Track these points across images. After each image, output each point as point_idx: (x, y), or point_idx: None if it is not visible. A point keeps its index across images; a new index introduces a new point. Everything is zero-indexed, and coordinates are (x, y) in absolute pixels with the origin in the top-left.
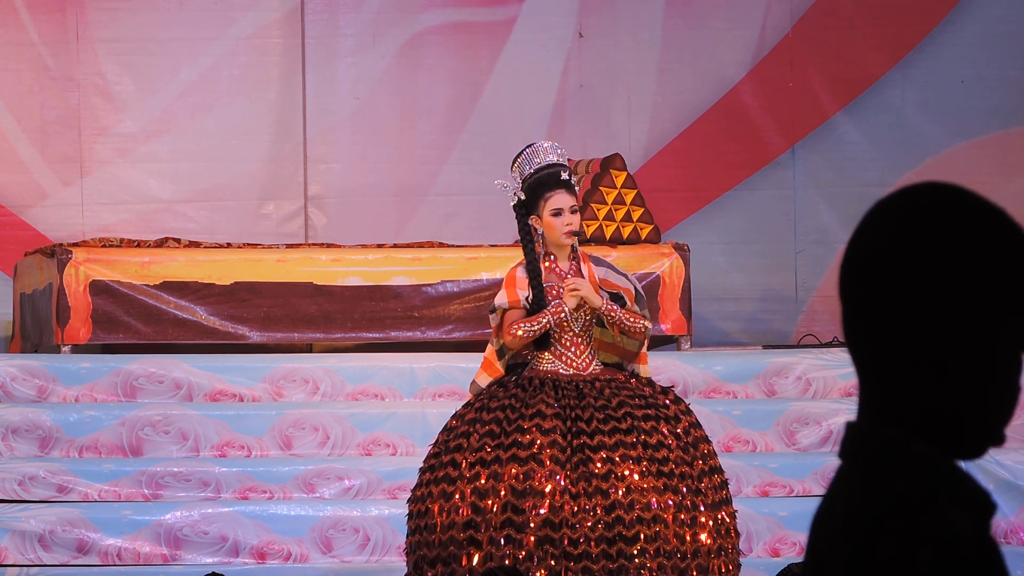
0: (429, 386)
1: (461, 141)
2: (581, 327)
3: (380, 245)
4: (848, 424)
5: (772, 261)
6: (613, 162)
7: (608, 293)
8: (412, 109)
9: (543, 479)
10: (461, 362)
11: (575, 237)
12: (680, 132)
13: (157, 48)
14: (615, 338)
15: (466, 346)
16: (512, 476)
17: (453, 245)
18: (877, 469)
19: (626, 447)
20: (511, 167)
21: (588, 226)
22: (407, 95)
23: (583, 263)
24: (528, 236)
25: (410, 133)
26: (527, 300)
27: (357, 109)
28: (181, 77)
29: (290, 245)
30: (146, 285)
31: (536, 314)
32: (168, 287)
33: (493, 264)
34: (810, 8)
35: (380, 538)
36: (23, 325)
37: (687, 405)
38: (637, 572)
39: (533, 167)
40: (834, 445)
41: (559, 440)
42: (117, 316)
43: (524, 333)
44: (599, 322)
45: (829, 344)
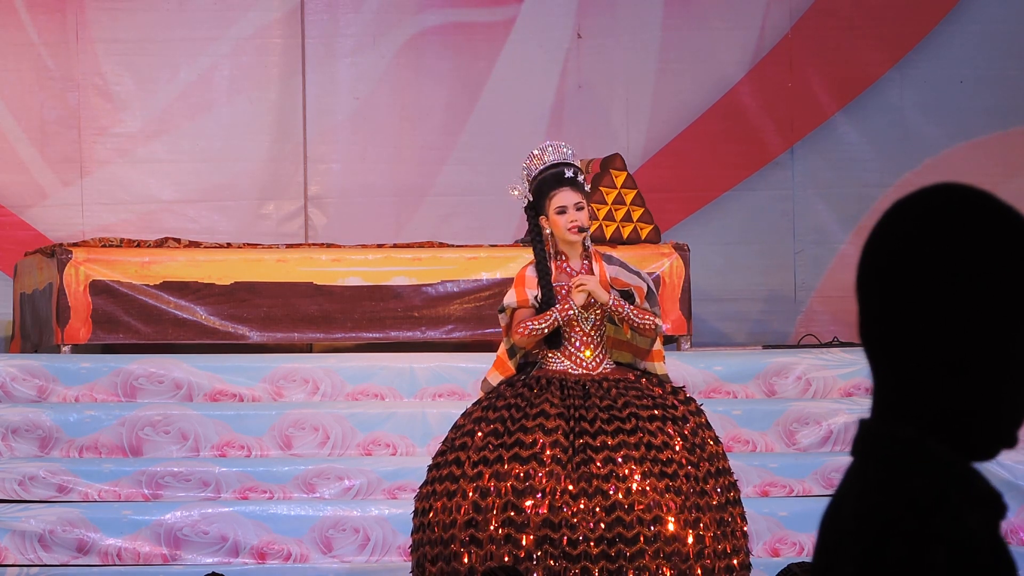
0: (429, 386)
1: (460, 141)
2: (591, 326)
3: (380, 245)
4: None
5: (771, 261)
6: (613, 162)
7: (619, 291)
8: (412, 109)
9: (544, 479)
10: (461, 362)
11: (582, 233)
12: (679, 132)
13: (157, 48)
14: (625, 335)
15: (466, 346)
16: (513, 476)
17: (453, 245)
18: (891, 468)
19: (628, 448)
20: (521, 170)
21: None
22: (407, 95)
23: (595, 261)
24: (538, 236)
25: (410, 133)
26: (536, 299)
27: (357, 109)
28: (181, 77)
29: (290, 245)
30: (146, 285)
31: (544, 312)
32: (168, 287)
33: (493, 264)
34: (809, 8)
35: (380, 538)
36: (23, 325)
37: (698, 405)
38: (637, 573)
39: (539, 168)
40: (834, 445)
41: (561, 440)
42: (117, 316)
43: (532, 331)
44: (612, 320)
45: (829, 344)
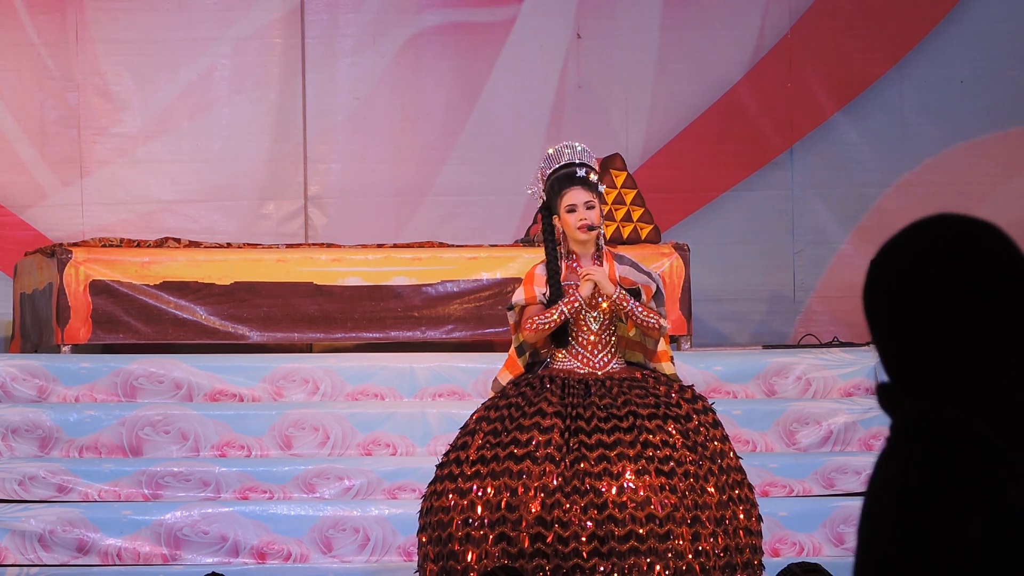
0: (429, 386)
1: (460, 141)
2: (599, 326)
3: (380, 245)
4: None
5: (770, 261)
6: (613, 162)
7: (626, 290)
8: (412, 109)
9: (537, 477)
10: (461, 362)
11: (591, 232)
12: (678, 133)
13: (157, 48)
14: (629, 333)
15: (466, 346)
16: (507, 474)
17: (453, 245)
18: (935, 446)
19: (624, 446)
20: (537, 169)
21: None
22: (407, 95)
23: (606, 261)
24: (549, 235)
25: (410, 133)
26: (544, 296)
27: (357, 109)
28: (181, 77)
29: (290, 245)
30: (146, 285)
31: (551, 307)
32: (168, 287)
33: (493, 264)
34: (808, 8)
35: (380, 538)
36: (23, 325)
37: (707, 405)
38: (629, 571)
39: (553, 167)
40: (834, 445)
41: (556, 438)
42: (117, 316)
43: (539, 326)
44: (621, 321)
45: (829, 344)
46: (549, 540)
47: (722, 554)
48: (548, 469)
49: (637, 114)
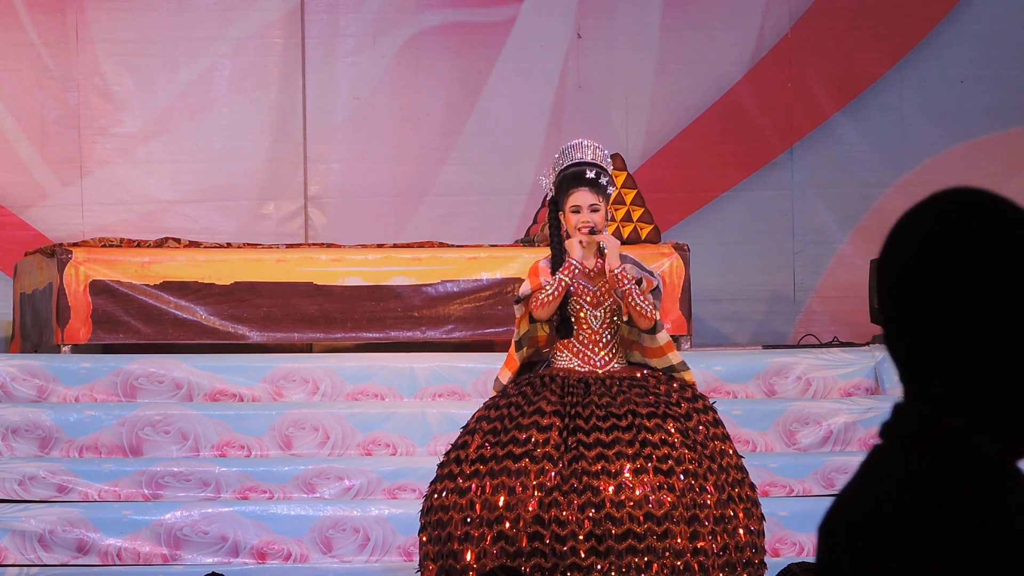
0: (429, 386)
1: (460, 141)
2: (600, 324)
3: (380, 245)
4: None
5: (770, 261)
6: (613, 162)
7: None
8: (412, 109)
9: (534, 476)
10: (461, 362)
11: (592, 235)
12: (678, 133)
13: (157, 48)
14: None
15: (466, 346)
16: (505, 473)
17: (453, 245)
18: (941, 459)
19: (622, 444)
20: (552, 162)
21: None
22: (407, 95)
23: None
24: (555, 229)
25: (410, 133)
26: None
27: (357, 109)
28: (181, 77)
29: (290, 245)
30: (146, 285)
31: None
32: (168, 287)
33: (493, 264)
34: (809, 8)
35: (380, 538)
36: (23, 325)
37: (708, 404)
38: (626, 570)
39: (566, 163)
40: (834, 445)
41: (555, 437)
42: (117, 316)
43: (542, 300)
44: (627, 320)
45: (829, 344)
46: (547, 539)
47: (721, 553)
48: (546, 468)
49: (637, 114)
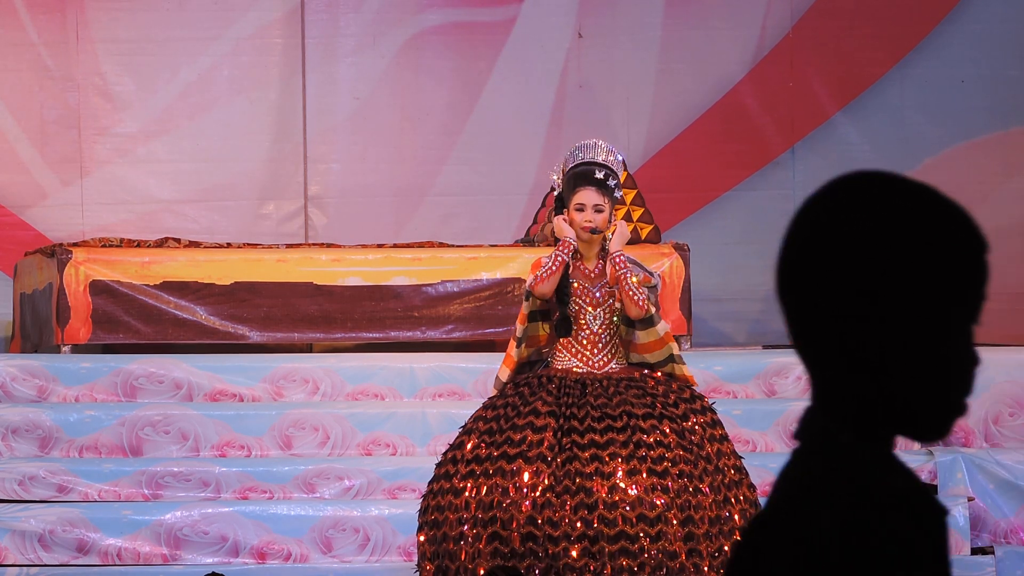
0: (429, 386)
1: (461, 141)
2: (599, 326)
3: (380, 245)
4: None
5: (771, 261)
6: None
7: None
8: (412, 109)
9: (528, 477)
10: (461, 362)
11: (594, 235)
12: (679, 132)
13: (157, 48)
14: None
15: (466, 346)
16: (499, 474)
17: (453, 245)
18: (826, 463)
19: (616, 445)
20: (563, 158)
21: None
22: (407, 95)
23: (609, 261)
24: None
25: (410, 133)
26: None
27: (357, 109)
28: (181, 77)
29: (290, 245)
30: (146, 285)
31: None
32: (168, 287)
33: (493, 264)
34: (810, 8)
35: (380, 538)
36: (23, 325)
37: (706, 404)
38: (619, 571)
39: (575, 162)
40: None
41: (549, 438)
42: (117, 316)
43: (540, 275)
44: (627, 322)
45: None
46: (540, 540)
47: (717, 554)
48: (540, 469)
49: (638, 114)
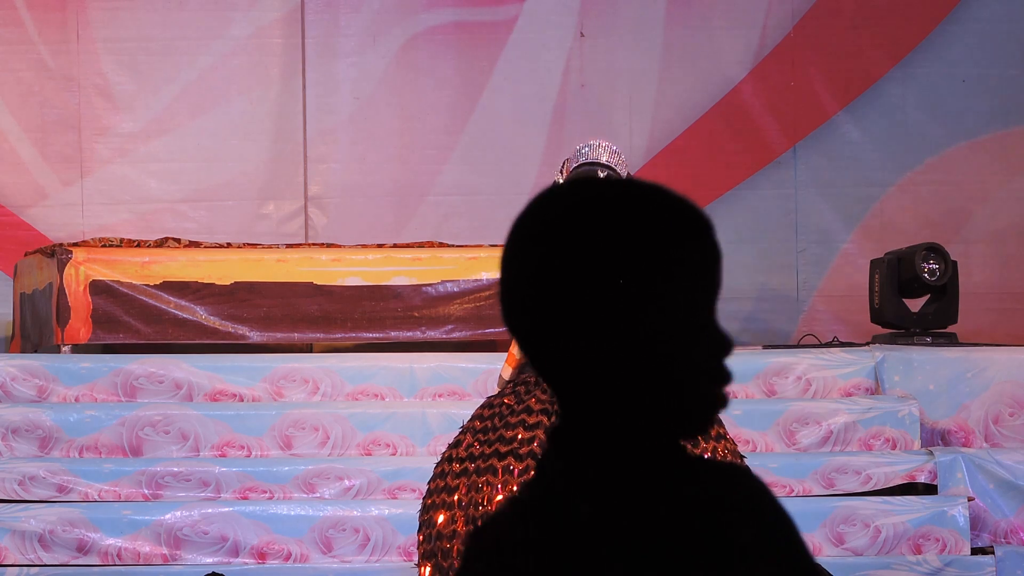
0: (429, 386)
1: (461, 141)
2: None
3: (380, 245)
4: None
5: (773, 261)
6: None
7: None
8: (412, 109)
9: (517, 474)
10: (461, 362)
11: None
12: (681, 132)
13: (157, 48)
14: None
15: (466, 346)
16: (491, 471)
17: (453, 245)
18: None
19: None
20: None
21: None
22: (407, 95)
23: None
24: None
25: (410, 133)
26: None
27: (357, 109)
28: (181, 77)
29: (290, 245)
30: (146, 285)
31: None
32: (168, 287)
33: (493, 264)
34: (811, 8)
35: (380, 538)
36: (23, 325)
37: None
38: None
39: (578, 162)
40: (834, 445)
41: (540, 436)
42: (117, 316)
43: None
44: None
45: (829, 344)
46: None
47: None
48: (530, 466)
49: (640, 113)
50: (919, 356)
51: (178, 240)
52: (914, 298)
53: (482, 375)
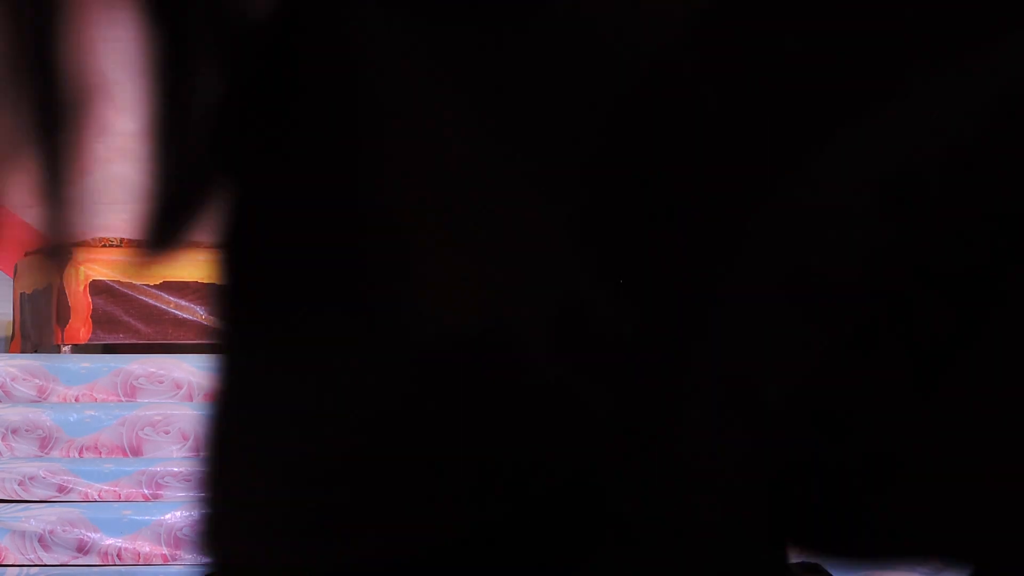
0: None
1: None
2: None
3: None
4: None
5: None
6: None
7: None
8: None
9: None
10: None
11: None
12: None
13: None
14: None
15: None
16: None
17: None
18: None
19: None
20: None
21: None
22: None
23: None
24: None
25: None
26: None
27: None
28: None
29: None
30: (146, 285)
31: None
32: (168, 287)
33: None
34: None
35: None
36: (23, 325)
37: None
38: None
39: None
40: None
41: None
42: (117, 316)
43: None
44: None
45: None
46: None
47: None
48: None
49: None
50: None
51: None
52: None
53: None
